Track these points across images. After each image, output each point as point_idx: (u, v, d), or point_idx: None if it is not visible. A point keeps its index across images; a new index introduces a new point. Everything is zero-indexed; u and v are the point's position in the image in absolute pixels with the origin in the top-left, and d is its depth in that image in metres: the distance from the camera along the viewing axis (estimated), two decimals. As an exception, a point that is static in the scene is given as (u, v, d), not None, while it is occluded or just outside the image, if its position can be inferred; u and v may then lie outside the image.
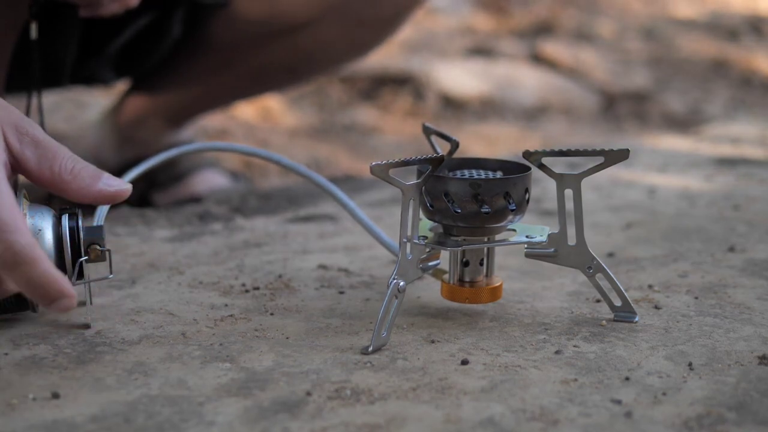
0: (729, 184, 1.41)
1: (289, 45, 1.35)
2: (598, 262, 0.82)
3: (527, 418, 0.66)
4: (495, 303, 0.87)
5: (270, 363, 0.74)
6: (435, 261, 0.82)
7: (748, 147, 1.76)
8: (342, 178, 1.52)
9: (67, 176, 0.76)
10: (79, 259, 0.78)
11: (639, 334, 0.81)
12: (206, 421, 0.65)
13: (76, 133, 1.86)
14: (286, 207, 1.28)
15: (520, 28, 3.14)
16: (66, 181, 0.75)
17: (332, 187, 0.90)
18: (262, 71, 1.40)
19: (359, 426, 0.64)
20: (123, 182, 0.78)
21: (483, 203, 0.77)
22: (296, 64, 1.39)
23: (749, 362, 0.76)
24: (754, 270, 0.99)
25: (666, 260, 1.03)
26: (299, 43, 1.35)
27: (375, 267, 0.99)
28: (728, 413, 0.67)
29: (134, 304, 0.87)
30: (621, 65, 2.82)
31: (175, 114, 1.45)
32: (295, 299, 0.89)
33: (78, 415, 0.65)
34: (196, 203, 1.31)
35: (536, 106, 2.46)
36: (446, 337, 0.80)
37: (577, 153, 0.79)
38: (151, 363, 0.74)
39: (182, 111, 1.46)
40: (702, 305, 0.88)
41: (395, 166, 0.75)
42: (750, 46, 3.07)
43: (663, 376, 0.73)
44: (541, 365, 0.74)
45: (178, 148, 0.91)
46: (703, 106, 2.55)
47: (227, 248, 1.06)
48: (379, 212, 1.22)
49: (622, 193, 1.35)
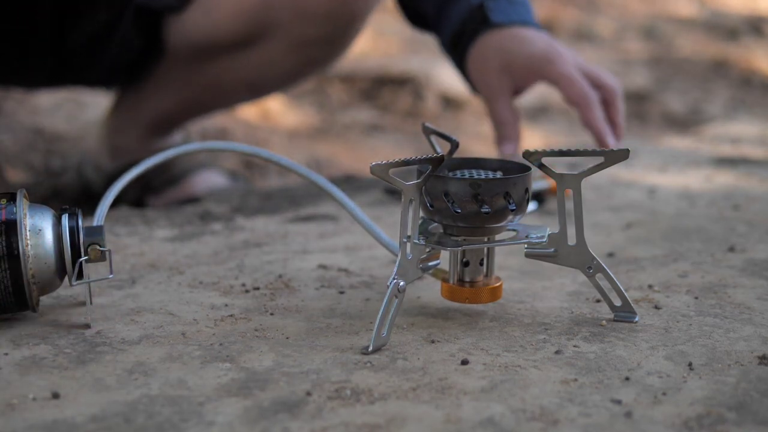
0: (729, 184, 1.41)
1: (242, 61, 1.37)
2: (598, 262, 0.82)
3: (527, 418, 0.66)
4: (495, 303, 0.87)
5: (270, 363, 0.74)
6: (435, 261, 0.82)
7: (748, 147, 1.76)
8: (342, 178, 1.52)
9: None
10: (79, 259, 0.78)
11: (639, 334, 0.81)
12: (206, 421, 0.65)
13: (76, 133, 1.86)
14: (286, 207, 1.28)
15: (520, 28, 3.14)
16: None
17: (332, 187, 0.90)
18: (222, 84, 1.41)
19: (359, 426, 0.64)
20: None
21: (483, 203, 0.77)
22: (253, 79, 1.40)
23: (749, 362, 0.76)
24: (754, 270, 0.99)
25: (666, 260, 1.03)
26: (251, 59, 1.36)
27: (375, 267, 0.99)
28: (728, 413, 0.67)
29: (134, 304, 0.87)
30: (621, 65, 2.82)
31: (153, 124, 1.46)
32: (295, 299, 0.89)
33: (78, 415, 0.65)
34: (196, 203, 1.31)
35: (536, 106, 2.46)
36: (446, 337, 0.80)
37: (577, 153, 0.79)
38: (151, 363, 0.74)
39: (159, 121, 1.46)
40: (702, 305, 0.88)
41: (395, 166, 0.75)
42: (750, 46, 3.07)
43: (663, 376, 0.73)
44: (541, 365, 0.74)
45: (178, 148, 0.91)
46: (703, 106, 2.55)
47: (227, 248, 1.06)
48: (379, 212, 1.22)
49: (622, 193, 1.35)
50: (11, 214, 0.77)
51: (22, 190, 0.80)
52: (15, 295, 0.78)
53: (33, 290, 0.78)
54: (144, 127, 1.45)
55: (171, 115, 1.46)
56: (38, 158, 1.71)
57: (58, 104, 1.99)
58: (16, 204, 0.78)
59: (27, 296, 0.78)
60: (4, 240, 0.76)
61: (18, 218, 0.77)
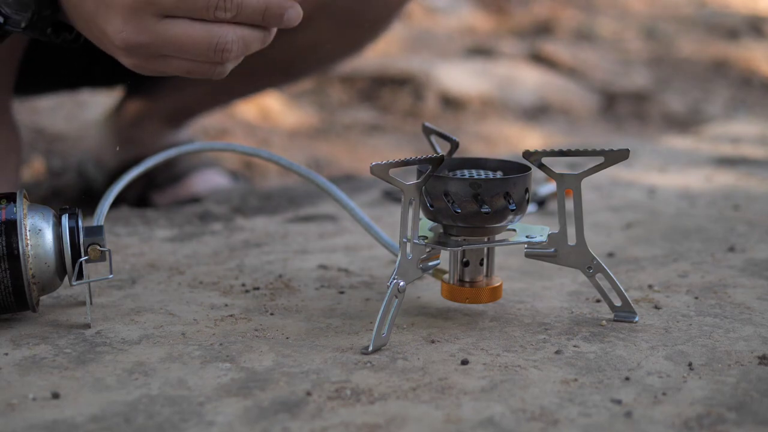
0: (729, 184, 1.41)
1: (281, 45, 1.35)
2: (598, 262, 0.82)
3: (527, 418, 0.66)
4: (495, 303, 0.87)
5: (270, 363, 0.74)
6: (435, 261, 0.82)
7: (748, 147, 1.76)
8: (342, 178, 1.52)
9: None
10: (79, 259, 0.78)
11: (639, 334, 0.81)
12: (206, 421, 0.65)
13: (76, 132, 1.86)
14: (286, 207, 1.28)
15: (520, 28, 3.14)
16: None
17: (332, 187, 0.90)
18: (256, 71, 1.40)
19: (359, 426, 0.64)
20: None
21: (483, 203, 0.77)
22: (290, 64, 1.39)
23: (749, 362, 0.76)
24: (754, 270, 0.99)
25: (666, 260, 1.03)
26: (292, 42, 1.34)
27: (375, 267, 0.99)
28: (728, 413, 0.67)
29: (134, 304, 0.87)
30: (621, 65, 2.82)
31: (173, 115, 1.45)
32: (295, 299, 0.89)
33: (78, 415, 0.65)
34: (196, 203, 1.31)
35: (536, 105, 2.46)
36: (446, 337, 0.80)
37: (577, 153, 0.79)
38: (151, 363, 0.74)
39: (180, 112, 1.46)
40: (702, 305, 0.88)
41: (395, 166, 0.75)
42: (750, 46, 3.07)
43: (663, 376, 0.73)
44: (541, 365, 0.74)
45: (178, 148, 0.91)
46: (703, 106, 2.55)
47: (227, 248, 1.06)
48: (379, 212, 1.22)
49: (622, 193, 1.35)
50: (11, 214, 0.77)
51: (22, 190, 0.80)
52: (15, 295, 0.78)
53: (33, 290, 0.78)
54: (163, 118, 1.44)
55: (194, 104, 1.45)
56: (38, 158, 1.71)
57: (58, 104, 1.99)
58: (16, 204, 0.78)
59: (27, 296, 0.78)
60: (4, 240, 0.76)
61: (18, 218, 0.77)
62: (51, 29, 0.83)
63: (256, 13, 0.76)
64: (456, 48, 2.88)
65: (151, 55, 0.78)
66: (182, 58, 0.78)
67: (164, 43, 0.77)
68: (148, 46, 0.77)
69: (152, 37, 0.76)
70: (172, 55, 0.78)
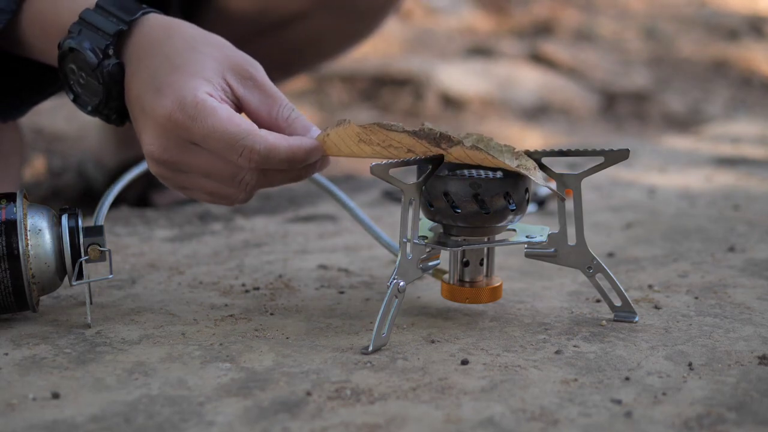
0: (729, 184, 1.41)
1: (280, 40, 1.35)
2: (598, 262, 0.82)
3: (527, 418, 0.66)
4: (495, 303, 0.87)
5: (270, 363, 0.74)
6: (435, 261, 0.82)
7: (748, 147, 1.76)
8: (342, 178, 1.52)
9: (283, 123, 0.81)
10: (79, 259, 0.78)
11: (639, 334, 0.81)
12: (206, 421, 0.65)
13: (76, 132, 1.86)
14: (286, 207, 1.28)
15: (520, 28, 3.14)
16: (281, 128, 0.80)
17: (332, 187, 0.90)
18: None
19: (359, 426, 0.64)
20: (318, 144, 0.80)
21: (483, 203, 0.77)
22: (287, 60, 1.39)
23: (749, 362, 0.76)
24: (754, 270, 0.99)
25: (666, 260, 1.03)
26: (290, 37, 1.34)
27: (375, 267, 0.99)
28: (728, 413, 0.67)
29: (134, 304, 0.87)
30: (621, 65, 2.82)
31: None
32: (295, 299, 0.89)
33: (78, 415, 0.65)
34: (196, 203, 1.31)
35: (536, 105, 2.46)
36: (446, 337, 0.80)
37: (577, 153, 0.79)
38: (151, 363, 0.74)
39: None
40: (702, 305, 0.88)
41: (395, 166, 0.75)
42: (750, 46, 3.07)
43: (663, 376, 0.73)
44: (541, 365, 0.74)
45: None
46: (703, 106, 2.55)
47: (227, 248, 1.06)
48: (379, 212, 1.22)
49: (622, 193, 1.35)
50: (11, 214, 0.77)
51: (22, 190, 0.80)
52: (15, 295, 0.78)
53: (33, 290, 0.78)
54: None
55: None
56: (38, 158, 1.71)
57: (58, 104, 1.99)
58: (16, 204, 0.78)
59: (27, 296, 0.78)
60: (4, 240, 0.76)
61: (18, 218, 0.77)
62: (116, 115, 0.86)
63: (281, 164, 0.78)
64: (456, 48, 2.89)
65: (177, 170, 0.81)
66: (206, 179, 0.80)
67: (189, 167, 0.79)
68: (172, 163, 0.80)
69: (177, 158, 0.79)
70: (196, 174, 0.80)
